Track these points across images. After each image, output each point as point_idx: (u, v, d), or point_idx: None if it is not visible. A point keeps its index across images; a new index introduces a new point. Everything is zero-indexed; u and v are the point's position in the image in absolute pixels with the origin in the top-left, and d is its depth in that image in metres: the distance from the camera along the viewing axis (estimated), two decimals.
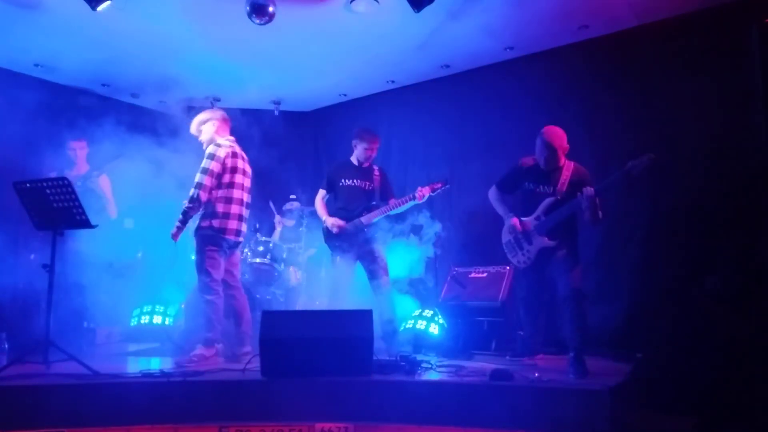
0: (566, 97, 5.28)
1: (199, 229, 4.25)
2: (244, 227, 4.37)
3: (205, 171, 4.18)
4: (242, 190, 4.35)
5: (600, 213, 3.89)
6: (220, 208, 4.22)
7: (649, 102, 4.88)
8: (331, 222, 4.68)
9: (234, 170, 4.29)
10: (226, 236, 4.23)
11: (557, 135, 4.00)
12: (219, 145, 4.28)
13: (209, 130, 4.38)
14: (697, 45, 4.67)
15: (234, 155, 4.32)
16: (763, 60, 4.15)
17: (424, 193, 4.53)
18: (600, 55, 5.21)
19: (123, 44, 5.33)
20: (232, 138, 4.45)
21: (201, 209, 4.23)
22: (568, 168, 4.04)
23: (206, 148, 4.33)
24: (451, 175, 5.90)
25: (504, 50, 5.58)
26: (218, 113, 4.47)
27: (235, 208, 4.27)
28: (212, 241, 4.20)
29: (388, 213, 4.66)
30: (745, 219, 4.26)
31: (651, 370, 3.89)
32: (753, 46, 4.24)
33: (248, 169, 4.46)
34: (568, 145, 4.03)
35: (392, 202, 4.68)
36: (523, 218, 4.14)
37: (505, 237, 4.25)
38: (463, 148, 6.03)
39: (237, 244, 4.38)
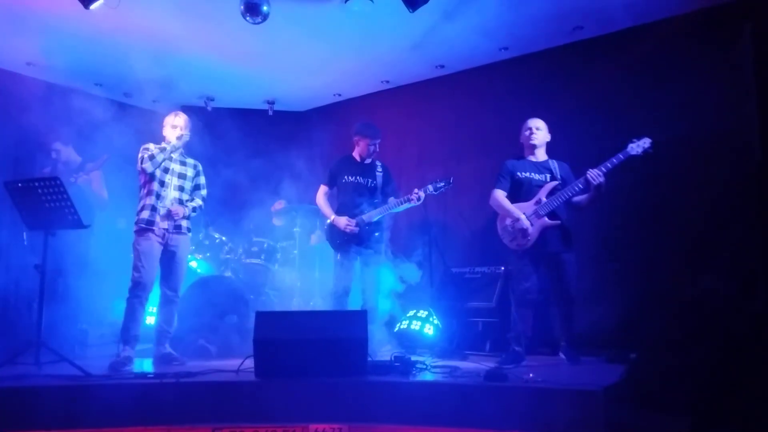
0: (561, 98, 5.28)
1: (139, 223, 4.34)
2: None
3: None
4: None
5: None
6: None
7: (644, 102, 4.88)
8: (344, 224, 4.63)
9: None
10: None
11: (536, 120, 4.34)
12: None
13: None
14: (691, 46, 4.68)
15: None
16: (756, 59, 4.16)
17: (420, 194, 4.53)
18: (594, 55, 5.22)
19: (116, 43, 5.29)
20: None
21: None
22: (553, 161, 4.31)
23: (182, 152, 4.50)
24: (445, 175, 5.88)
25: (499, 51, 5.58)
26: None
27: None
28: None
29: (388, 212, 4.65)
30: (740, 218, 4.27)
31: (645, 370, 3.90)
32: (746, 45, 4.25)
33: None
34: (547, 133, 4.35)
35: (392, 201, 4.67)
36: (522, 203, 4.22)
37: (506, 221, 4.24)
38: (458, 148, 6.02)
39: None
